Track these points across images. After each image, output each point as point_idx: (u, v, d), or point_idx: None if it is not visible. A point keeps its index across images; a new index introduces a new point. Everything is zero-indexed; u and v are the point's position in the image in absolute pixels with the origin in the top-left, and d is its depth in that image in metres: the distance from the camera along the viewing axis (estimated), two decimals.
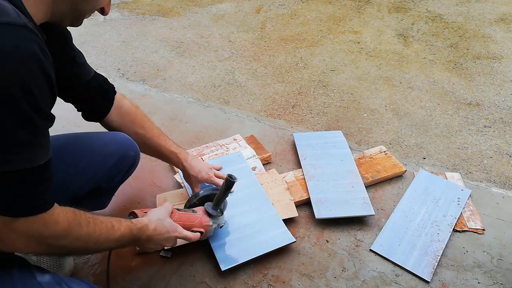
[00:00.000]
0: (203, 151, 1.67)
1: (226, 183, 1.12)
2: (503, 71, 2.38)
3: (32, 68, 0.60)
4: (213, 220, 1.16)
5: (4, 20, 0.58)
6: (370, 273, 1.26)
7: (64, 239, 0.75)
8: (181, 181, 1.50)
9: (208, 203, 1.18)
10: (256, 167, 1.59)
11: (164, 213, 1.02)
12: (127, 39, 2.83)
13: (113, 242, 0.86)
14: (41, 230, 0.71)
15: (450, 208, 1.45)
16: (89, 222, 0.80)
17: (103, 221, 0.84)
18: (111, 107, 1.14)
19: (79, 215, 0.79)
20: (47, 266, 1.20)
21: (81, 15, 0.81)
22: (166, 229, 0.99)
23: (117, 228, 0.86)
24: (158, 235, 0.97)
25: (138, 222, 0.93)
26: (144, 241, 0.95)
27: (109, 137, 1.20)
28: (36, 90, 0.61)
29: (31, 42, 0.60)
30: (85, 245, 0.81)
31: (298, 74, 2.40)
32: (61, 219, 0.74)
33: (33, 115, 0.62)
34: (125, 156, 1.21)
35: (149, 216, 0.99)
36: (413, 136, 1.90)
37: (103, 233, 0.83)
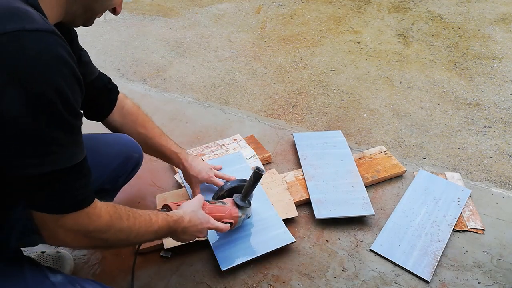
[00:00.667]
0: (203, 151, 1.67)
1: (254, 176, 1.15)
2: (503, 71, 2.38)
3: (64, 72, 0.62)
4: (241, 211, 1.21)
5: (34, 27, 0.60)
6: (370, 273, 1.26)
7: (107, 232, 0.78)
8: (181, 181, 1.50)
9: (236, 195, 1.22)
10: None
11: (197, 205, 1.05)
12: (127, 39, 2.83)
13: (151, 234, 0.90)
14: (86, 224, 0.74)
15: (450, 208, 1.45)
16: (129, 215, 0.84)
17: (142, 214, 0.88)
18: (114, 107, 1.15)
19: (119, 208, 0.82)
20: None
21: (93, 15, 0.82)
22: (200, 221, 1.03)
23: (154, 221, 0.90)
24: (192, 227, 1.01)
25: (174, 215, 0.97)
26: (180, 233, 0.99)
27: (113, 139, 1.21)
28: (69, 93, 0.63)
29: (61, 47, 0.62)
30: (127, 237, 0.84)
31: (298, 74, 2.40)
32: (103, 212, 0.77)
33: (69, 117, 0.65)
34: (129, 157, 1.22)
35: (183, 208, 1.02)
36: (413, 136, 1.90)
37: (142, 226, 0.86)
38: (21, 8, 0.61)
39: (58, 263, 1.24)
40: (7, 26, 0.58)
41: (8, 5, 0.60)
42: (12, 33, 0.57)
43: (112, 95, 1.14)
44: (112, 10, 0.84)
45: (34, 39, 0.59)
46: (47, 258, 1.23)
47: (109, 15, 3.18)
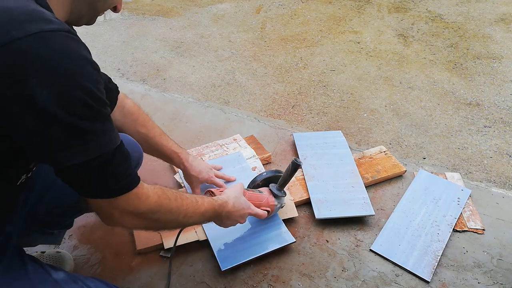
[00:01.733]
0: (203, 151, 1.67)
1: (292, 166, 1.20)
2: (503, 71, 2.38)
3: (87, 68, 0.65)
4: (277, 200, 1.25)
5: (51, 27, 0.61)
6: (370, 273, 1.26)
7: (157, 212, 0.81)
8: (181, 181, 1.50)
9: (272, 184, 1.26)
10: (256, 167, 1.58)
11: (240, 191, 1.10)
12: (127, 39, 2.83)
13: (199, 216, 0.93)
14: (137, 204, 0.77)
15: (450, 208, 1.45)
16: (176, 196, 0.86)
17: (188, 196, 0.91)
18: (114, 106, 1.14)
19: (166, 190, 0.85)
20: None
21: (96, 14, 0.83)
22: (242, 206, 1.08)
23: (201, 203, 0.93)
24: (236, 211, 1.05)
25: (219, 199, 1.01)
26: (224, 217, 1.03)
27: None
28: (95, 86, 0.66)
29: (78, 45, 0.64)
30: (176, 217, 0.87)
31: (298, 74, 2.40)
32: (151, 193, 0.79)
33: (99, 107, 0.67)
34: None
35: (227, 193, 1.07)
36: (413, 136, 1.90)
37: (190, 207, 0.89)
38: (37, 10, 0.63)
39: (58, 263, 1.24)
40: (28, 28, 0.59)
41: (24, 8, 0.61)
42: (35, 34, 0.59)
43: (112, 94, 1.14)
44: (113, 8, 0.85)
45: (56, 40, 0.61)
46: (47, 258, 1.23)
47: (109, 15, 3.19)
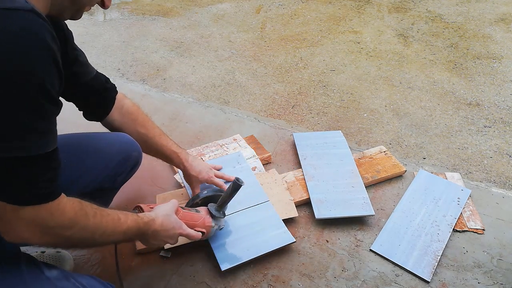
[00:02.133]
0: (203, 151, 1.67)
1: (233, 186, 1.12)
2: (503, 71, 2.38)
3: (41, 53, 0.60)
4: (215, 221, 1.17)
5: (12, 5, 0.58)
6: (370, 273, 1.26)
7: (70, 229, 0.75)
8: (181, 181, 1.50)
9: (211, 204, 1.18)
10: (256, 167, 1.59)
11: (171, 209, 1.02)
12: (127, 39, 2.83)
13: (119, 235, 0.86)
14: (47, 219, 0.71)
15: (450, 208, 1.45)
16: (96, 213, 0.80)
17: (110, 213, 0.84)
18: (112, 106, 1.14)
19: (85, 205, 0.79)
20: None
21: (81, 8, 0.80)
22: (172, 225, 0.99)
23: (123, 221, 0.86)
24: (164, 231, 0.97)
25: (145, 217, 0.94)
26: (150, 236, 0.95)
27: (112, 138, 1.20)
28: (45, 76, 0.61)
29: (40, 27, 0.60)
30: (92, 236, 0.80)
31: (298, 74, 2.40)
32: (68, 209, 0.74)
33: (42, 101, 0.62)
34: (128, 156, 1.21)
35: (156, 211, 0.99)
36: (413, 136, 1.90)
37: (109, 225, 0.82)
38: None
39: (58, 262, 1.24)
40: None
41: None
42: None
43: (110, 94, 1.14)
44: (101, 3, 0.83)
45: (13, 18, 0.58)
46: (47, 257, 1.23)
47: (109, 15, 3.19)
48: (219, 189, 1.26)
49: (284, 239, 1.30)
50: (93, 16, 3.20)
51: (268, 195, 1.43)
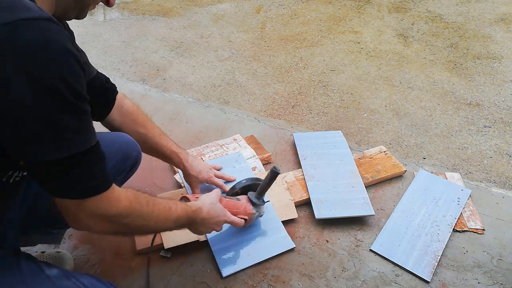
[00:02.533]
0: (203, 151, 1.67)
1: (271, 174, 1.17)
2: (503, 71, 2.38)
3: (66, 59, 0.62)
4: (256, 208, 1.22)
5: (31, 15, 0.60)
6: (370, 273, 1.26)
7: (128, 217, 0.79)
8: (181, 181, 1.50)
9: (251, 193, 1.23)
10: (256, 167, 1.58)
11: (215, 198, 1.07)
12: (127, 39, 2.83)
13: (171, 222, 0.91)
14: (107, 208, 0.75)
15: (450, 208, 1.45)
16: (148, 202, 0.84)
17: (161, 202, 0.88)
18: (112, 106, 1.14)
19: (138, 194, 0.83)
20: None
21: (85, 7, 0.80)
22: (217, 214, 1.05)
23: (174, 210, 0.91)
24: (210, 219, 1.02)
25: (193, 205, 0.98)
26: (198, 224, 1.00)
27: (111, 137, 1.20)
28: (74, 79, 0.64)
29: (60, 34, 0.62)
30: (147, 223, 0.84)
31: (298, 74, 2.40)
32: (123, 197, 0.78)
33: (76, 102, 0.65)
34: (127, 156, 1.21)
35: (202, 200, 1.04)
36: (413, 136, 1.90)
37: (161, 213, 0.87)
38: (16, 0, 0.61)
39: (58, 262, 1.24)
40: (5, 17, 0.58)
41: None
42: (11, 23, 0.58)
43: (110, 94, 1.14)
44: (105, 1, 0.83)
45: (33, 28, 0.59)
46: (47, 258, 1.23)
47: (109, 15, 3.19)
48: (257, 178, 1.30)
49: (284, 245, 1.31)
50: (93, 16, 3.20)
51: (268, 195, 1.43)
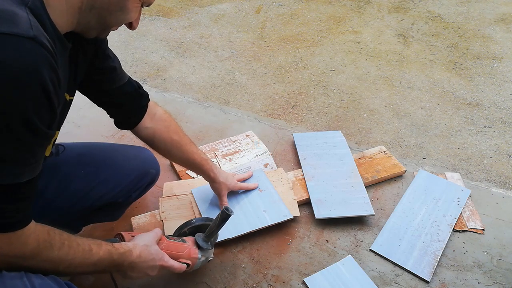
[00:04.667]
0: (216, 146, 1.71)
1: (221, 216, 1.05)
2: (503, 71, 2.38)
3: (30, 83, 0.57)
4: (202, 252, 1.09)
5: (10, 30, 0.56)
6: (370, 273, 1.26)
7: (30, 260, 0.72)
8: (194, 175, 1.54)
9: (199, 234, 1.10)
10: (268, 164, 1.60)
11: (152, 239, 0.96)
12: (127, 39, 2.83)
13: (89, 267, 0.81)
14: (5, 249, 0.68)
15: (450, 208, 1.45)
16: (63, 244, 0.76)
17: (80, 243, 0.79)
18: (144, 113, 1.11)
19: (53, 236, 0.75)
20: None
21: (107, 28, 0.80)
22: (152, 257, 0.93)
23: (95, 252, 0.81)
24: (142, 262, 0.91)
25: (121, 247, 0.87)
26: (126, 268, 0.89)
27: (132, 153, 1.20)
28: (31, 106, 0.59)
29: (35, 56, 0.58)
30: (55, 267, 0.76)
31: (298, 74, 2.40)
32: (31, 240, 0.70)
33: (22, 131, 0.60)
34: (145, 173, 1.21)
35: (136, 241, 0.93)
36: (413, 136, 1.90)
37: (77, 256, 0.78)
38: (5, 10, 0.58)
39: None
40: None
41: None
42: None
43: (143, 101, 1.11)
44: (128, 24, 0.82)
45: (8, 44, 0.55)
46: None
47: None
48: (208, 218, 1.16)
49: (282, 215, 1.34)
50: None
51: (273, 194, 1.44)
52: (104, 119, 1.16)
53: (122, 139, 1.78)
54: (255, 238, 1.34)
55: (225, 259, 1.29)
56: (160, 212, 1.38)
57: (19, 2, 0.61)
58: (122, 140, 1.77)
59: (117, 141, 1.77)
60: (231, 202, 1.35)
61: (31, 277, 0.77)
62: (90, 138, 1.76)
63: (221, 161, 1.63)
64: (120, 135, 1.80)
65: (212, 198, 1.39)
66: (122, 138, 1.78)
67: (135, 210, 1.44)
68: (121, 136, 1.79)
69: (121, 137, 1.79)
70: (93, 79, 0.97)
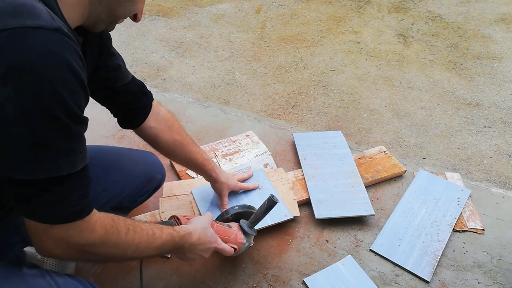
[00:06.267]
0: (216, 146, 1.71)
1: (268, 203, 1.09)
2: (503, 71, 2.38)
3: (65, 74, 0.58)
4: (246, 238, 1.14)
5: (36, 23, 0.56)
6: (370, 273, 1.26)
7: (101, 247, 0.74)
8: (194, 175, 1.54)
9: (243, 221, 1.15)
10: (268, 164, 1.60)
11: (207, 222, 1.00)
12: (127, 39, 2.83)
13: (154, 250, 0.84)
14: (77, 237, 0.70)
15: (450, 208, 1.45)
16: (129, 229, 0.78)
17: (144, 228, 0.82)
18: (148, 113, 1.11)
19: (117, 222, 0.77)
20: (50, 267, 1.20)
21: (116, 20, 0.80)
22: (209, 239, 0.98)
23: (158, 236, 0.84)
24: (200, 245, 0.95)
25: (181, 230, 0.92)
26: (186, 250, 0.93)
27: (138, 157, 1.19)
28: (69, 96, 0.60)
29: (64, 47, 0.58)
30: (123, 252, 0.79)
31: (298, 74, 2.40)
32: (98, 226, 0.72)
33: (67, 121, 0.61)
34: (151, 178, 1.21)
35: (194, 223, 0.97)
36: (413, 136, 1.90)
37: (143, 241, 0.81)
38: (26, 3, 0.58)
39: (61, 265, 1.23)
40: (8, 22, 0.54)
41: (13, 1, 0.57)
42: (13, 29, 0.54)
43: (147, 100, 1.10)
44: (133, 16, 0.82)
45: (37, 37, 0.56)
46: (50, 259, 1.23)
47: None
48: (249, 206, 1.22)
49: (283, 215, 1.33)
50: None
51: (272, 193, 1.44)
52: (104, 120, 1.16)
53: (122, 139, 1.78)
54: (255, 238, 1.34)
55: (225, 259, 1.29)
56: (160, 212, 1.38)
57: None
58: (122, 140, 1.77)
59: (117, 141, 1.77)
60: (231, 202, 1.35)
61: (54, 275, 0.79)
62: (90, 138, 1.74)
63: (221, 161, 1.63)
64: (120, 135, 1.79)
65: (212, 198, 1.39)
66: (122, 139, 1.78)
67: (135, 210, 1.44)
68: (121, 137, 1.79)
69: (121, 137, 1.79)
70: (98, 77, 0.97)
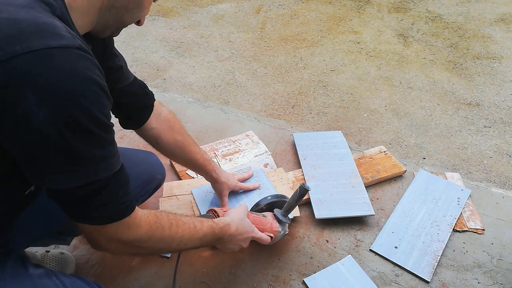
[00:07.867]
0: (216, 146, 1.71)
1: (300, 191, 1.13)
2: (503, 71, 2.38)
3: (93, 89, 0.62)
4: (281, 226, 1.18)
5: (60, 43, 0.58)
6: (370, 273, 1.26)
7: (147, 241, 0.79)
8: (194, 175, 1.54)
9: (277, 210, 1.19)
10: (268, 164, 1.60)
11: (244, 213, 1.05)
12: (127, 39, 2.83)
13: (196, 242, 0.90)
14: (126, 234, 0.75)
15: (450, 208, 1.45)
16: (172, 224, 0.83)
17: (186, 222, 0.87)
18: (150, 113, 1.11)
19: (160, 217, 0.82)
20: (51, 267, 1.21)
21: (122, 26, 0.81)
22: (246, 229, 1.03)
23: (199, 228, 0.89)
24: (239, 235, 1.01)
25: (220, 222, 0.97)
26: (226, 241, 0.99)
27: (140, 157, 1.20)
28: (98, 110, 0.63)
29: (87, 64, 0.62)
30: (169, 245, 0.85)
31: (298, 74, 2.40)
32: (143, 222, 0.77)
33: (100, 132, 0.65)
34: (152, 178, 1.22)
35: (231, 215, 1.03)
36: (413, 136, 1.90)
37: (186, 233, 0.86)
38: (47, 22, 0.60)
39: (61, 263, 1.24)
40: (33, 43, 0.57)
41: (34, 20, 0.59)
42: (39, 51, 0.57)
43: (149, 101, 1.11)
44: (136, 21, 0.83)
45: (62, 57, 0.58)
46: (51, 258, 1.23)
47: None
48: (281, 195, 1.26)
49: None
50: None
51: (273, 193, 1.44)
52: None
53: (122, 139, 1.78)
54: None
55: (225, 259, 1.29)
56: None
57: (49, 11, 0.62)
58: (122, 140, 1.77)
59: (117, 141, 1.76)
60: (231, 202, 1.35)
61: (60, 275, 0.82)
62: None
63: (221, 161, 1.63)
64: (120, 135, 1.79)
65: (212, 198, 1.39)
66: (122, 139, 1.78)
67: None
68: (121, 137, 1.79)
69: (121, 137, 1.79)
70: None
